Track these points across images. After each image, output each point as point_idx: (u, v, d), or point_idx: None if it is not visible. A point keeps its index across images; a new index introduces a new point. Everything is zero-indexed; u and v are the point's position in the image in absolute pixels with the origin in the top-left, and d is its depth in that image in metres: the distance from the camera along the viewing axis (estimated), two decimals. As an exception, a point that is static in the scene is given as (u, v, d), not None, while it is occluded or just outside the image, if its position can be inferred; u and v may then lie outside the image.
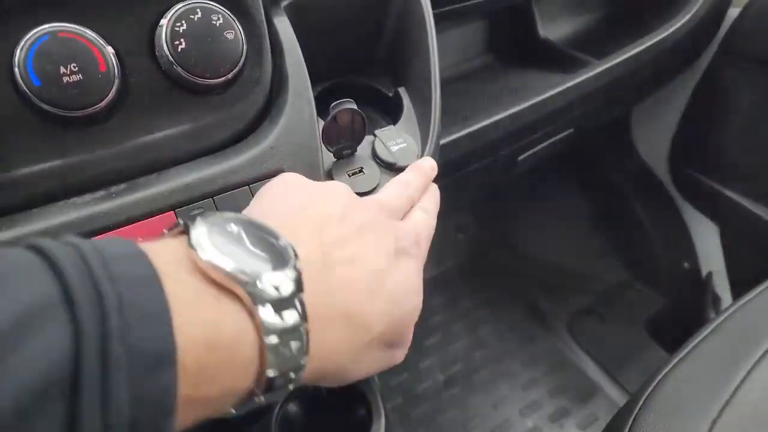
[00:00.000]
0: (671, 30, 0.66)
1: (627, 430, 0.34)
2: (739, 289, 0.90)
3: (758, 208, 0.80)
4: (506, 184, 1.00)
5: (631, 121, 0.96)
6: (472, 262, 1.03)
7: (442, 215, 0.30)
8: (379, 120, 0.40)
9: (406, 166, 0.34)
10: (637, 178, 0.98)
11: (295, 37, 0.31)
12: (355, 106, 0.30)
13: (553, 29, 0.69)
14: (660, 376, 0.39)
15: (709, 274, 0.96)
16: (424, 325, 0.92)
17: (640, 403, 0.36)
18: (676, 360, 0.41)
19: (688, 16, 0.68)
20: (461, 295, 0.97)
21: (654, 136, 0.93)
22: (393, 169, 0.33)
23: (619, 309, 0.96)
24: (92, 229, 0.25)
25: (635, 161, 0.98)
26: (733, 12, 0.75)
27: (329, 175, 0.31)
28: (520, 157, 0.59)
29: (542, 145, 0.60)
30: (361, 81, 0.40)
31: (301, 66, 0.31)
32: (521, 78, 0.60)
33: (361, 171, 0.32)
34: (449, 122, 0.53)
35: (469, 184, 0.59)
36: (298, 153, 0.29)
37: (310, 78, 0.32)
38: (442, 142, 0.46)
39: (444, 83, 0.62)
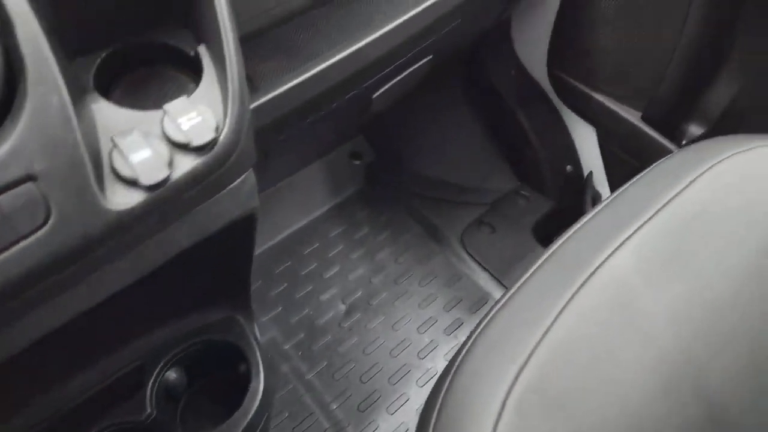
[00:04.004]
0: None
1: (451, 374, 0.36)
2: (616, 186, 0.96)
3: (624, 110, 0.84)
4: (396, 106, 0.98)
5: (511, 28, 0.94)
6: (369, 187, 1.03)
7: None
8: (190, 84, 0.36)
9: (205, 145, 0.31)
10: (520, 84, 0.99)
11: (27, 3, 0.26)
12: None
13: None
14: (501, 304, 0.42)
15: (590, 174, 1.01)
16: (323, 258, 0.93)
17: (474, 336, 0.39)
18: (518, 284, 0.43)
19: None
20: (359, 222, 0.98)
21: (532, 42, 0.92)
22: (188, 149, 0.30)
23: (508, 217, 1.00)
24: None
25: (517, 68, 0.98)
26: None
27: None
28: (375, 95, 0.56)
29: (398, 77, 0.58)
30: (158, 40, 0.35)
31: (39, 42, 0.26)
32: (371, 6, 0.56)
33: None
34: (293, 64, 0.49)
35: (323, 129, 0.56)
36: (51, 151, 0.25)
37: (89, 42, 0.27)
38: (272, 95, 0.43)
39: (290, 17, 0.57)
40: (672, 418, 0.33)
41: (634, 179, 0.50)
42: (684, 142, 0.81)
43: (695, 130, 0.80)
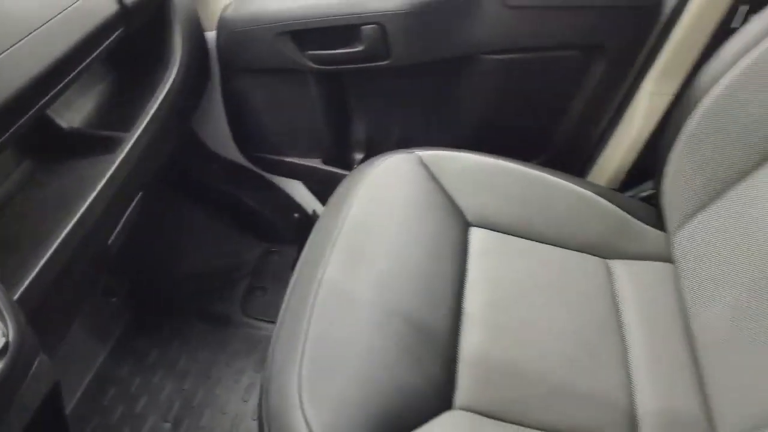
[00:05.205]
0: (173, 76, 0.81)
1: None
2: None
3: (310, 161, 1.10)
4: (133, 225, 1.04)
5: (196, 132, 1.11)
6: (135, 313, 1.07)
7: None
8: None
9: (2, 349, 0.40)
10: (226, 170, 1.16)
11: None
12: None
13: (76, 114, 0.75)
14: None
15: (314, 212, 1.25)
16: (127, 398, 0.95)
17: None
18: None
19: (179, 56, 0.83)
20: (144, 348, 1.02)
21: (220, 135, 1.10)
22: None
23: (271, 273, 1.18)
24: None
25: (216, 160, 1.15)
26: (211, 34, 0.95)
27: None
28: (110, 241, 0.67)
29: (124, 217, 0.69)
30: None
31: None
32: (68, 181, 0.66)
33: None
34: (24, 255, 0.56)
35: (78, 289, 0.64)
36: None
37: None
38: (20, 292, 0.51)
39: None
40: (392, 339, 0.55)
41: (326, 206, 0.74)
42: (355, 166, 1.10)
43: (359, 156, 1.10)
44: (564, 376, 0.57)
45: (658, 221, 0.73)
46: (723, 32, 0.73)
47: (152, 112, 0.73)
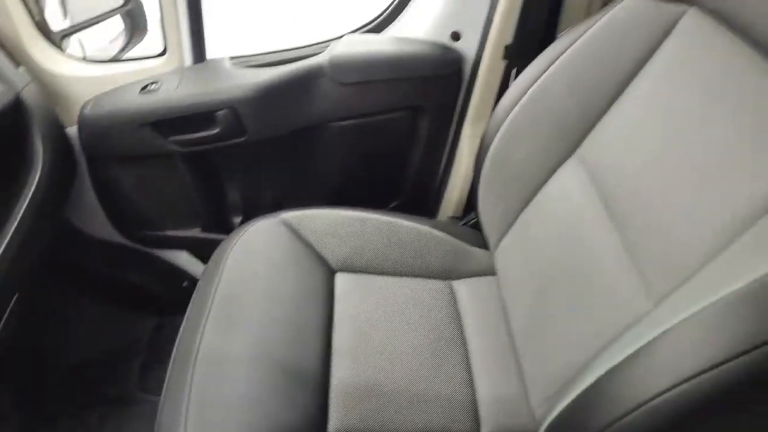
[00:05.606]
0: (37, 177, 0.85)
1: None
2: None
3: (191, 231, 1.16)
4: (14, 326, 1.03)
5: (71, 221, 1.13)
6: (28, 411, 1.05)
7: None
8: None
9: None
10: (108, 253, 1.18)
11: None
12: None
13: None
14: None
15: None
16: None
17: None
18: None
19: (41, 156, 0.87)
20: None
21: (93, 221, 1.13)
22: None
23: (165, 346, 1.20)
24: None
25: (96, 244, 1.16)
26: (73, 129, 0.99)
27: None
28: None
29: (2, 321, 0.72)
30: None
31: None
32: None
33: None
34: None
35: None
36: None
37: None
38: None
39: None
40: (268, 386, 0.64)
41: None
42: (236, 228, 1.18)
43: (237, 219, 1.19)
44: (418, 386, 0.70)
45: (484, 242, 0.90)
46: (505, 89, 0.93)
47: (19, 216, 0.77)
